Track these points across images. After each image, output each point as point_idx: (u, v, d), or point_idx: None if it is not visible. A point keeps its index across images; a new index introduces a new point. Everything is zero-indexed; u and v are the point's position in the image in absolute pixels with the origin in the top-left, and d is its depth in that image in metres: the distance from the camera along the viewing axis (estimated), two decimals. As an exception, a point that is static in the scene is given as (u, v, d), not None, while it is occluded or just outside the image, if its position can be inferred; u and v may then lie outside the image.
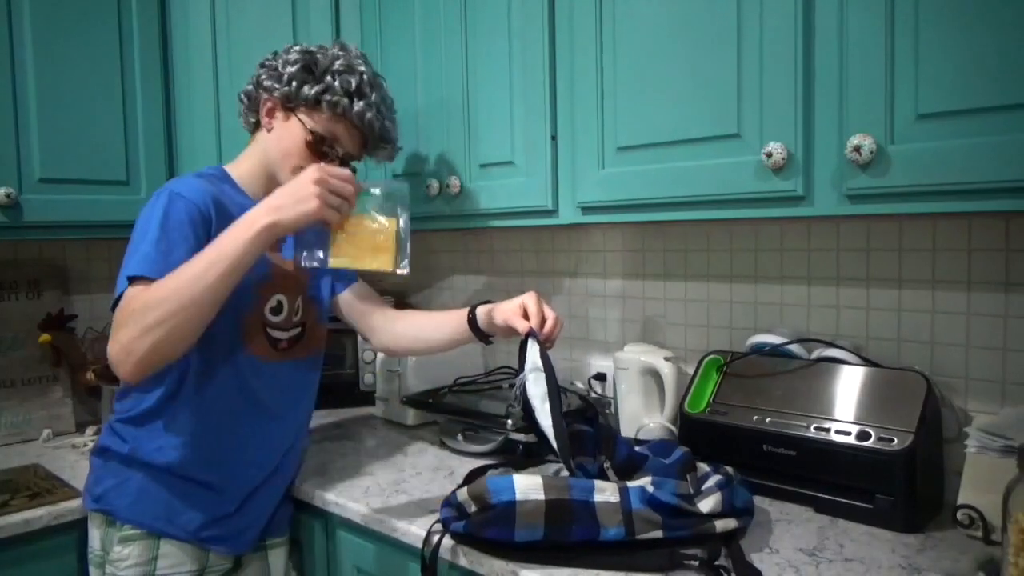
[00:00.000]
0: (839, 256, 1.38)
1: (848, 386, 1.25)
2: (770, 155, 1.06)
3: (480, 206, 1.50)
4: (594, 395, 1.68)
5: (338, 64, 1.29)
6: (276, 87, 1.29)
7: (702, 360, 1.44)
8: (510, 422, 1.47)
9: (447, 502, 1.12)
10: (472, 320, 1.27)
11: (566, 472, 1.13)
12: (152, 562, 1.21)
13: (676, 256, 1.62)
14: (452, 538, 1.11)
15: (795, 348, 1.36)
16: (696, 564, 0.99)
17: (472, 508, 1.07)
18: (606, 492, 1.04)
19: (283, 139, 1.30)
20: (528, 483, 1.05)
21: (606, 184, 1.29)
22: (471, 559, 1.08)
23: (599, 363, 1.75)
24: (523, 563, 1.03)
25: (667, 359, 1.50)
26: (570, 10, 1.32)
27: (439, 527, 1.13)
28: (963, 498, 1.10)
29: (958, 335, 1.25)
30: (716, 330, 1.56)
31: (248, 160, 1.34)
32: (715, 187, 1.15)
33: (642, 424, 1.51)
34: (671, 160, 1.20)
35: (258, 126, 1.34)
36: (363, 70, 1.31)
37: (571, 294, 1.82)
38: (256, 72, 1.33)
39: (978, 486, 1.09)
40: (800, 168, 1.06)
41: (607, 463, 1.18)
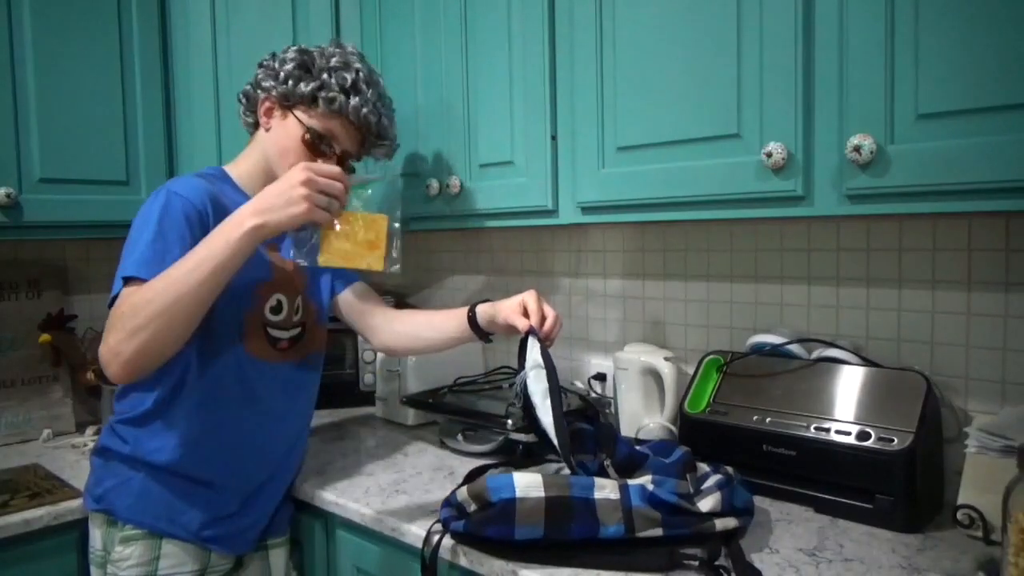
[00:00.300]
0: (839, 256, 1.38)
1: (848, 386, 1.25)
2: (770, 155, 1.06)
3: (480, 206, 1.50)
4: (594, 395, 1.68)
5: (334, 61, 1.30)
6: (273, 86, 1.29)
7: (702, 360, 1.44)
8: (510, 422, 1.47)
9: (447, 502, 1.12)
10: (472, 318, 1.27)
11: (567, 470, 1.13)
12: (154, 562, 1.21)
13: (676, 256, 1.62)
14: (452, 538, 1.11)
15: (795, 348, 1.36)
16: (696, 564, 0.99)
17: (472, 507, 1.07)
18: (606, 489, 1.04)
19: (281, 138, 1.30)
20: (528, 481, 1.04)
21: (606, 184, 1.29)
22: (471, 559, 1.08)
23: (599, 363, 1.75)
24: (523, 563, 1.03)
25: (667, 359, 1.50)
26: (570, 10, 1.32)
27: (439, 527, 1.13)
28: (963, 498, 1.10)
29: (958, 335, 1.25)
30: (716, 330, 1.56)
31: (247, 160, 1.34)
32: (715, 187, 1.15)
33: (642, 424, 1.51)
34: (671, 160, 1.20)
35: (257, 126, 1.35)
36: (359, 67, 1.31)
37: (571, 294, 1.82)
38: (254, 73, 1.34)
39: (978, 486, 1.09)
40: (800, 168, 1.06)
41: (607, 461, 1.18)
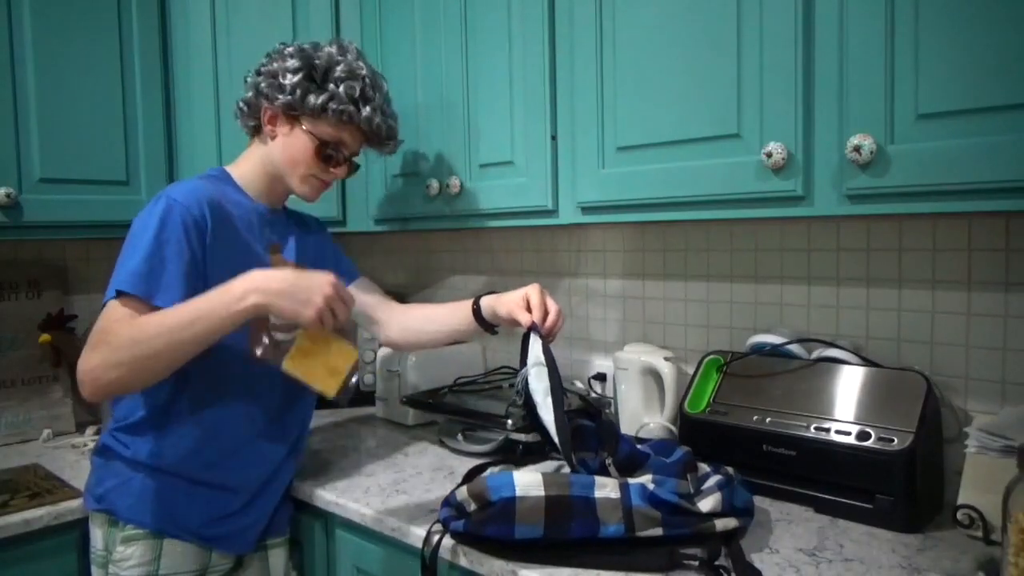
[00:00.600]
0: (839, 256, 1.38)
1: (848, 386, 1.25)
2: (770, 155, 1.06)
3: (480, 206, 1.50)
4: (594, 395, 1.68)
5: (340, 71, 1.27)
6: (278, 97, 1.27)
7: (702, 360, 1.44)
8: (510, 422, 1.47)
9: (446, 502, 1.12)
10: (476, 311, 1.28)
11: (567, 469, 1.13)
12: (155, 562, 1.21)
13: (676, 256, 1.62)
14: (452, 537, 1.11)
15: (795, 348, 1.36)
16: (696, 564, 0.99)
17: (472, 507, 1.07)
18: (607, 488, 1.04)
19: (289, 148, 1.29)
20: (528, 480, 1.04)
21: (606, 184, 1.29)
22: (471, 559, 1.08)
23: (599, 363, 1.75)
24: (523, 563, 1.03)
25: (667, 359, 1.50)
26: (570, 10, 1.32)
27: (439, 527, 1.13)
28: (963, 498, 1.10)
29: (958, 335, 1.25)
30: (716, 330, 1.56)
31: (249, 162, 1.33)
32: (715, 187, 1.15)
33: (642, 424, 1.51)
34: (671, 160, 1.20)
35: (258, 130, 1.33)
36: (364, 73, 1.30)
37: (571, 294, 1.82)
38: (253, 79, 1.31)
39: (978, 486, 1.09)
40: (800, 168, 1.06)
41: (609, 459, 1.18)
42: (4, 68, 1.53)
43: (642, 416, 1.52)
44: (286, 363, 1.11)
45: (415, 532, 1.17)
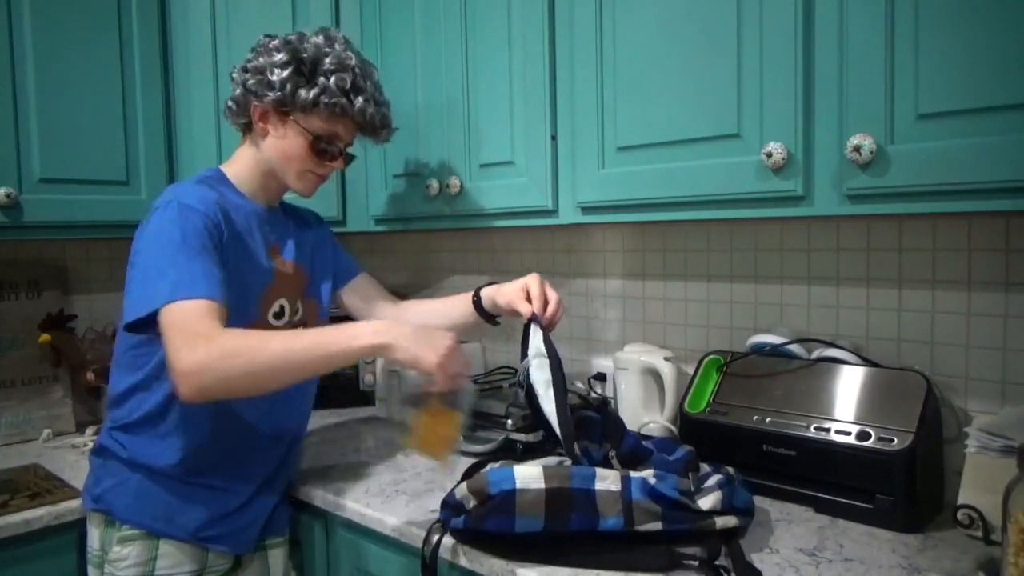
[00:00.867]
0: (839, 256, 1.38)
1: (848, 386, 1.25)
2: (770, 155, 1.06)
3: (480, 206, 1.50)
4: (594, 395, 1.68)
5: (329, 62, 1.24)
6: (268, 94, 1.24)
7: (702, 360, 1.44)
8: (510, 422, 1.47)
9: (445, 503, 1.12)
10: (477, 302, 1.29)
11: (569, 462, 1.13)
12: (151, 562, 1.20)
13: (676, 256, 1.62)
14: (452, 535, 1.11)
15: (795, 348, 1.36)
16: (696, 564, 0.99)
17: (471, 503, 1.07)
18: (607, 480, 1.04)
19: (282, 145, 1.27)
20: (528, 473, 1.04)
21: (606, 184, 1.29)
22: (471, 558, 1.08)
23: (599, 363, 1.75)
24: (522, 562, 1.03)
25: (667, 359, 1.50)
26: (570, 10, 1.32)
27: (439, 526, 1.13)
28: (963, 498, 1.10)
29: (958, 335, 1.25)
30: (716, 330, 1.56)
31: (242, 161, 1.31)
32: (715, 187, 1.15)
33: (642, 424, 1.51)
34: (671, 160, 1.20)
35: (249, 127, 1.31)
36: (354, 63, 1.27)
37: (571, 294, 1.82)
38: (239, 76, 1.28)
39: (978, 486, 1.09)
40: (800, 168, 1.06)
41: (612, 452, 1.17)
42: (4, 68, 1.53)
43: (642, 416, 1.52)
44: (407, 442, 1.15)
45: (415, 532, 1.17)
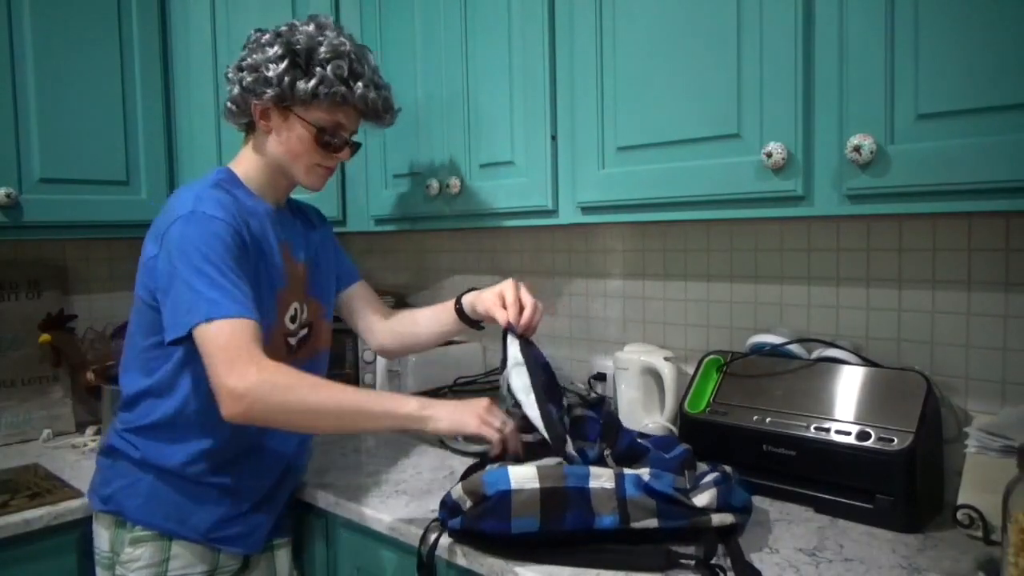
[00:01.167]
0: (839, 256, 1.38)
1: (848, 386, 1.25)
2: (770, 155, 1.06)
3: (480, 206, 1.50)
4: (594, 395, 1.68)
5: (323, 51, 1.21)
6: (266, 90, 1.21)
7: (702, 360, 1.44)
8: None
9: (443, 503, 1.12)
10: (460, 310, 1.30)
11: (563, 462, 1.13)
12: (164, 563, 1.20)
13: (676, 256, 1.62)
14: (449, 536, 1.11)
15: (795, 348, 1.36)
16: (692, 564, 0.99)
17: (467, 504, 1.07)
18: (601, 479, 1.04)
19: (286, 141, 1.25)
20: (523, 473, 1.05)
21: (606, 184, 1.29)
22: (470, 559, 1.08)
23: (599, 363, 1.75)
24: (521, 561, 1.03)
25: (667, 359, 1.50)
26: (570, 10, 1.32)
27: (436, 525, 1.13)
28: (963, 498, 1.10)
29: (958, 335, 1.25)
30: (716, 330, 1.56)
31: (250, 161, 1.29)
32: (715, 187, 1.15)
33: (642, 424, 1.51)
34: (671, 160, 1.20)
35: (251, 126, 1.29)
36: (348, 48, 1.24)
37: (571, 294, 1.82)
38: (235, 75, 1.26)
39: (978, 486, 1.09)
40: (800, 168, 1.06)
41: (608, 451, 1.17)
42: (4, 68, 1.53)
43: (642, 416, 1.52)
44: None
45: (415, 532, 1.17)
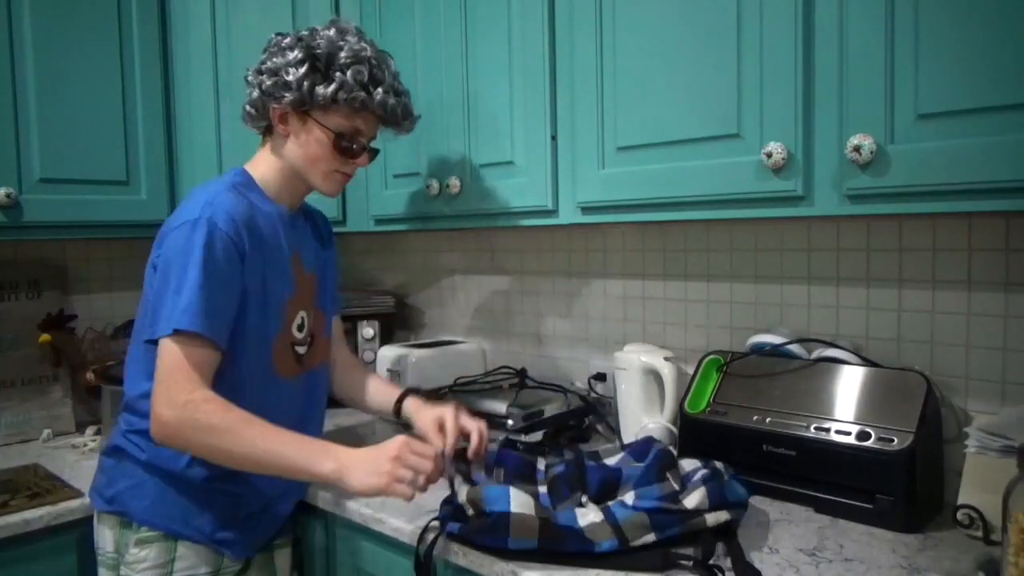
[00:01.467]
0: (839, 256, 1.38)
1: (848, 386, 1.25)
2: (770, 155, 1.06)
3: (480, 206, 1.50)
4: (594, 395, 1.68)
5: (344, 56, 1.21)
6: (285, 95, 1.21)
7: (702, 360, 1.44)
8: (510, 422, 1.47)
9: (447, 500, 1.12)
10: (398, 411, 1.36)
11: (546, 489, 1.17)
12: (169, 564, 1.20)
13: (676, 256, 1.62)
14: (448, 538, 1.11)
15: (795, 348, 1.36)
16: (690, 564, 0.99)
17: (470, 511, 1.07)
18: (589, 516, 1.04)
19: (306, 145, 1.24)
20: (523, 499, 1.06)
21: (606, 184, 1.29)
22: (470, 559, 1.08)
23: (599, 363, 1.75)
24: (522, 562, 1.03)
25: (667, 359, 1.50)
26: (570, 10, 1.32)
27: (435, 524, 1.13)
28: (963, 498, 1.10)
29: (958, 335, 1.25)
30: (716, 330, 1.56)
31: (267, 164, 1.28)
32: (715, 187, 1.15)
33: (642, 424, 1.51)
34: (671, 160, 1.20)
35: (270, 130, 1.28)
36: (369, 54, 1.23)
37: (571, 294, 1.82)
38: (255, 79, 1.26)
39: (978, 486, 1.09)
40: (800, 168, 1.06)
41: (584, 498, 1.14)
42: (4, 68, 1.53)
43: (642, 416, 1.52)
44: None
45: (415, 532, 1.17)
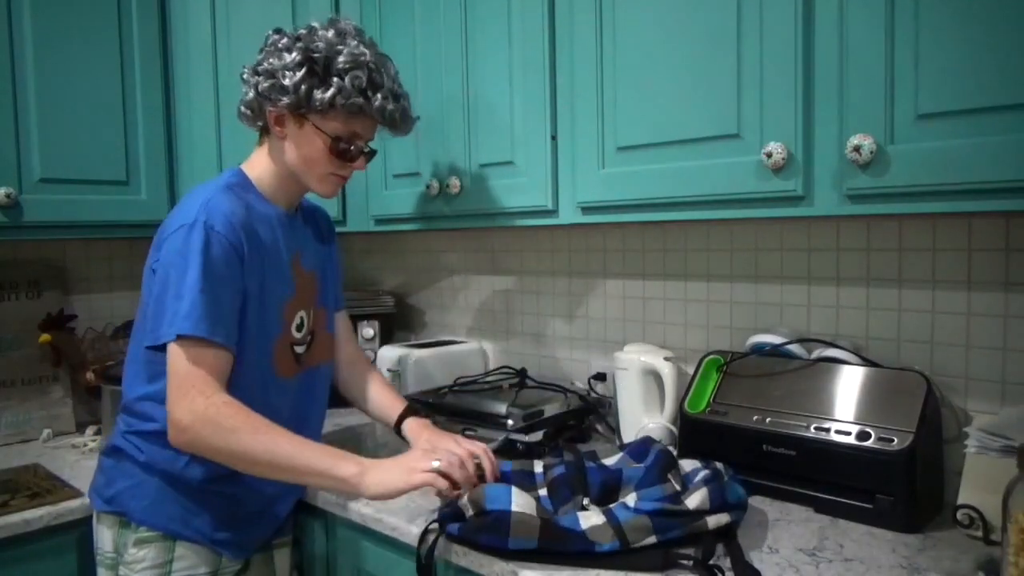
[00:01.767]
0: (839, 256, 1.38)
1: (848, 386, 1.25)
2: (770, 155, 1.06)
3: (480, 206, 1.50)
4: (594, 395, 1.68)
5: (342, 61, 1.18)
6: (282, 98, 1.19)
7: (702, 360, 1.44)
8: (511, 422, 1.47)
9: (450, 501, 1.12)
10: (399, 429, 1.38)
11: (545, 492, 1.17)
12: (168, 564, 1.20)
13: (676, 256, 1.62)
14: (448, 539, 1.11)
15: (795, 348, 1.36)
16: (690, 564, 0.99)
17: (470, 512, 1.07)
18: (591, 518, 1.04)
19: (301, 148, 1.23)
20: (524, 500, 1.06)
21: (606, 184, 1.29)
22: (470, 559, 1.08)
23: (599, 363, 1.75)
24: (522, 562, 1.03)
25: (667, 359, 1.50)
26: (570, 10, 1.32)
27: (435, 525, 1.13)
28: (963, 498, 1.10)
29: (958, 335, 1.25)
30: (716, 330, 1.56)
31: (263, 164, 1.28)
32: (715, 187, 1.15)
33: (642, 424, 1.51)
34: (671, 160, 1.20)
35: (266, 130, 1.27)
36: (368, 58, 1.21)
37: (571, 294, 1.82)
38: (251, 79, 1.24)
39: (978, 486, 1.09)
40: (800, 168, 1.06)
41: (585, 500, 1.14)
42: (4, 68, 1.53)
43: (642, 416, 1.52)
44: None
45: (415, 532, 1.17)
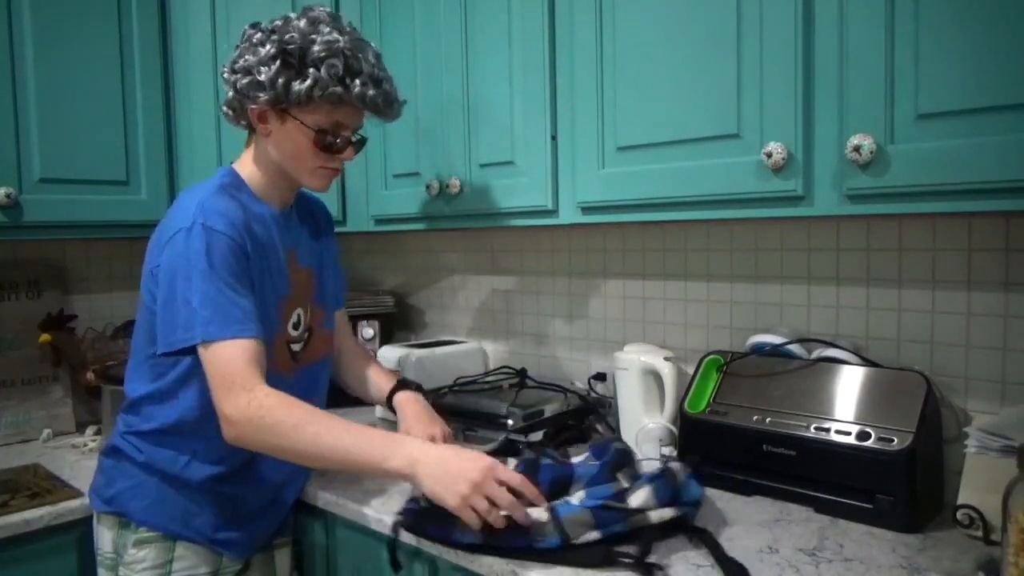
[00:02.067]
0: (839, 256, 1.38)
1: (848, 386, 1.25)
2: (770, 155, 1.06)
3: (480, 206, 1.50)
4: (594, 395, 1.68)
5: (317, 50, 1.14)
6: (260, 94, 1.17)
7: (702, 360, 1.44)
8: (510, 422, 1.47)
9: (412, 497, 1.14)
10: (391, 403, 1.40)
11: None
12: (168, 564, 1.20)
13: (676, 256, 1.62)
14: (406, 530, 1.13)
15: (795, 348, 1.36)
16: (630, 562, 0.99)
17: (423, 502, 1.09)
18: (534, 514, 1.04)
19: (287, 144, 1.21)
20: None
21: (606, 184, 1.29)
22: (470, 559, 1.08)
23: (599, 363, 1.75)
24: (522, 562, 1.03)
25: (667, 359, 1.50)
26: (570, 10, 1.32)
27: (400, 518, 1.14)
28: (963, 498, 1.10)
29: (958, 335, 1.25)
30: (716, 330, 1.56)
31: (253, 163, 1.26)
32: (715, 187, 1.15)
33: (642, 424, 1.51)
34: (671, 160, 1.20)
35: (253, 128, 1.26)
36: (343, 45, 1.16)
37: (571, 294, 1.82)
38: (229, 78, 1.21)
39: (978, 486, 1.09)
40: (800, 168, 1.06)
41: None
42: (4, 68, 1.53)
43: (642, 416, 1.52)
44: None
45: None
